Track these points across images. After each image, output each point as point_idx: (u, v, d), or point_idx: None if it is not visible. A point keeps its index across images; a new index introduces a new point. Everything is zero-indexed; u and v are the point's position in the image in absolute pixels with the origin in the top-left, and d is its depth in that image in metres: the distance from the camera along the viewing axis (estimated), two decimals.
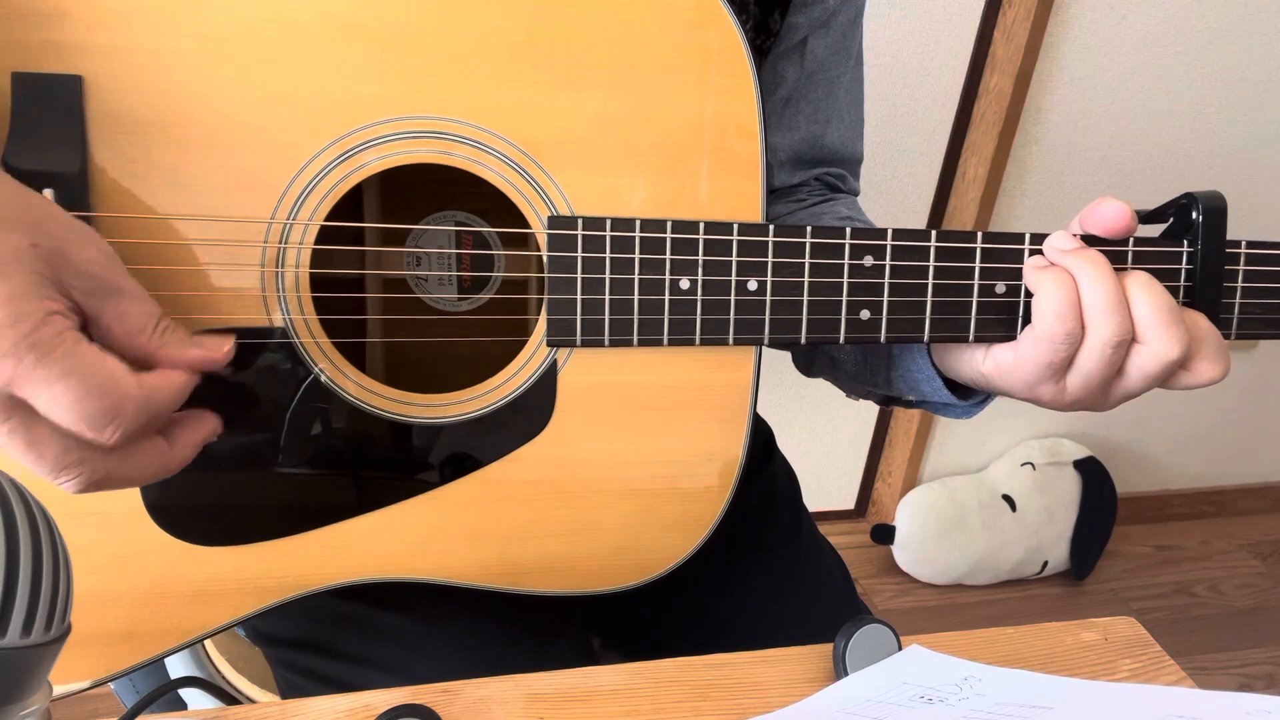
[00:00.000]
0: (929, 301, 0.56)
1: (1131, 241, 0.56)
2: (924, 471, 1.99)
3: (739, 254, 0.54)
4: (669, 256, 0.54)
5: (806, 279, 0.55)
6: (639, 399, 0.57)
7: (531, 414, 0.56)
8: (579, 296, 0.53)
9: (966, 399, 0.63)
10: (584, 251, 0.53)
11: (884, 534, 1.89)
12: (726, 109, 0.53)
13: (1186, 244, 0.56)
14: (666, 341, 0.55)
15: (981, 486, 1.94)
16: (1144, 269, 0.55)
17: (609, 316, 0.54)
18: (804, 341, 0.56)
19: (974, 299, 0.56)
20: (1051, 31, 1.57)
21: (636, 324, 0.54)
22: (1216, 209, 0.55)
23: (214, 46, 0.49)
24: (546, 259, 0.53)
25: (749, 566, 0.77)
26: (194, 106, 0.49)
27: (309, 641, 0.69)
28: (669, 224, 0.53)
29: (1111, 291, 0.52)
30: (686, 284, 0.54)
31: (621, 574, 0.60)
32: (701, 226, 0.54)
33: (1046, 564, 1.94)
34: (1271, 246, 0.57)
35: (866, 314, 0.56)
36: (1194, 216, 0.56)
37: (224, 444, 0.53)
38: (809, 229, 0.54)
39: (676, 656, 0.54)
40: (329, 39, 0.49)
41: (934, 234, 0.55)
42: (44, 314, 0.40)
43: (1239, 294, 0.57)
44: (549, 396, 0.56)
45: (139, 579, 0.55)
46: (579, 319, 0.54)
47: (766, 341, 0.56)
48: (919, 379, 0.63)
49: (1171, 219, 0.57)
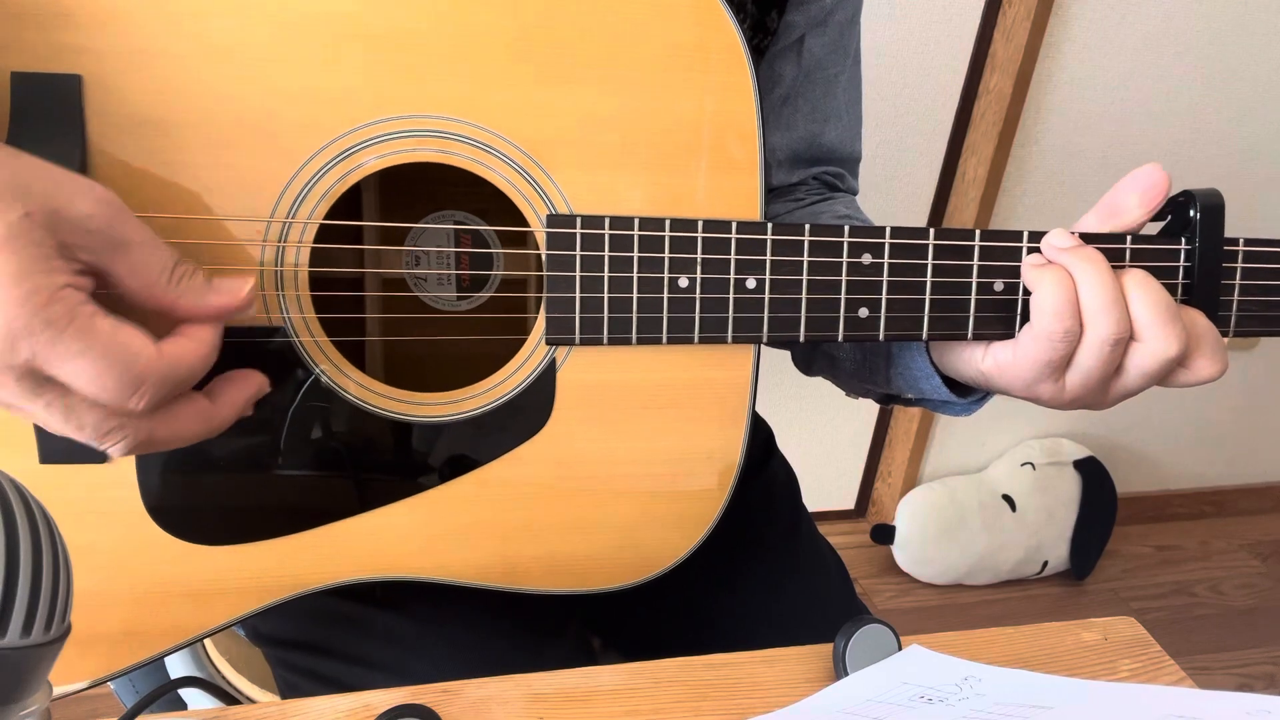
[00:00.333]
0: (927, 300, 0.56)
1: (1129, 239, 0.56)
2: (924, 471, 1.99)
3: (738, 252, 0.54)
4: (667, 255, 0.54)
5: (805, 277, 0.55)
6: (638, 398, 0.57)
7: (530, 413, 0.56)
8: (577, 295, 0.53)
9: (965, 396, 0.63)
10: (582, 250, 0.53)
11: (884, 534, 1.89)
12: (725, 107, 0.53)
13: (1184, 242, 0.56)
14: (665, 340, 0.55)
15: (981, 486, 1.94)
16: (1142, 267, 0.55)
17: (607, 315, 0.54)
18: (803, 340, 0.56)
19: (972, 297, 0.56)
20: (1051, 31, 1.57)
21: (635, 322, 0.54)
22: (1214, 206, 0.55)
23: (213, 45, 0.48)
24: (545, 258, 0.53)
25: (749, 566, 0.77)
26: (193, 105, 0.49)
27: (308, 641, 0.69)
28: (667, 222, 0.53)
29: (1109, 289, 0.52)
30: (685, 282, 0.54)
31: (620, 573, 0.60)
32: (700, 225, 0.54)
33: (1046, 564, 1.94)
34: (1269, 244, 0.57)
35: (865, 312, 0.56)
36: (1192, 214, 0.56)
37: (223, 443, 0.53)
38: (807, 227, 0.54)
39: (676, 656, 0.54)
40: (328, 38, 0.49)
41: (932, 232, 0.55)
42: (54, 288, 0.40)
43: (1237, 291, 0.57)
44: (548, 395, 0.56)
45: (138, 579, 0.55)
46: (577, 317, 0.54)
47: (765, 340, 0.56)
48: (918, 377, 0.63)
49: (1169, 217, 0.57)
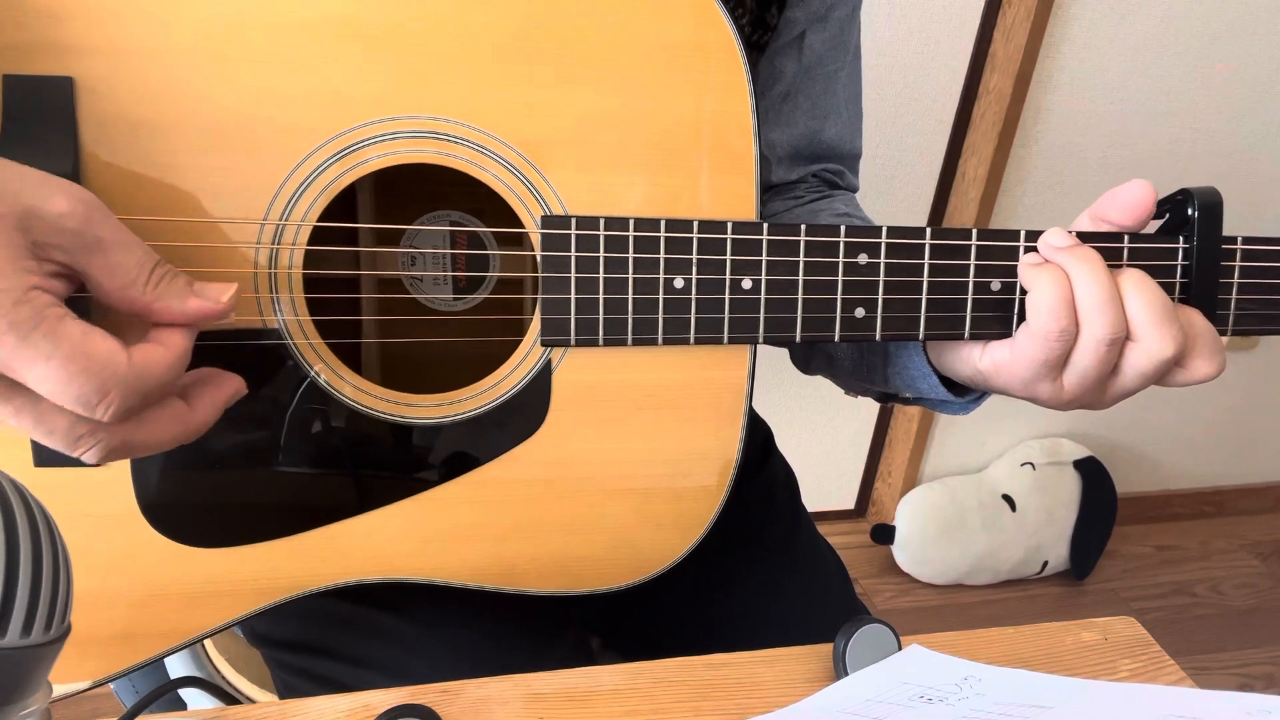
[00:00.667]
0: (924, 299, 0.56)
1: (1127, 238, 0.56)
2: (924, 471, 1.99)
3: (733, 253, 0.54)
4: (663, 255, 0.53)
5: (801, 277, 0.55)
6: (634, 398, 0.56)
7: (526, 414, 0.56)
8: (572, 296, 0.53)
9: (963, 395, 0.63)
10: (577, 251, 0.53)
11: (884, 534, 1.89)
12: (720, 107, 0.53)
13: (1182, 240, 0.56)
14: (661, 341, 0.55)
15: (981, 486, 1.93)
16: (1140, 266, 0.55)
17: (603, 316, 0.54)
18: (799, 340, 0.56)
19: (969, 296, 0.56)
20: (1051, 31, 1.57)
21: (631, 323, 0.54)
22: (1212, 205, 0.55)
23: (206, 46, 0.48)
24: (540, 259, 0.53)
25: (748, 566, 0.77)
26: (186, 107, 0.49)
27: (307, 642, 0.69)
28: (663, 223, 0.53)
29: (1105, 289, 0.52)
30: (681, 283, 0.54)
31: (618, 573, 0.59)
32: (695, 225, 0.54)
33: (1046, 564, 1.94)
34: (1267, 242, 0.57)
35: (861, 312, 0.56)
36: (1190, 212, 0.55)
37: (219, 445, 0.53)
38: (803, 227, 0.54)
39: (676, 656, 0.54)
40: (321, 39, 0.49)
41: (929, 232, 0.55)
42: (22, 290, 0.39)
43: (1235, 290, 0.57)
44: (543, 396, 0.55)
45: (137, 580, 0.54)
46: (573, 318, 0.54)
47: (761, 340, 0.56)
48: (915, 376, 0.63)
49: (1167, 215, 0.57)
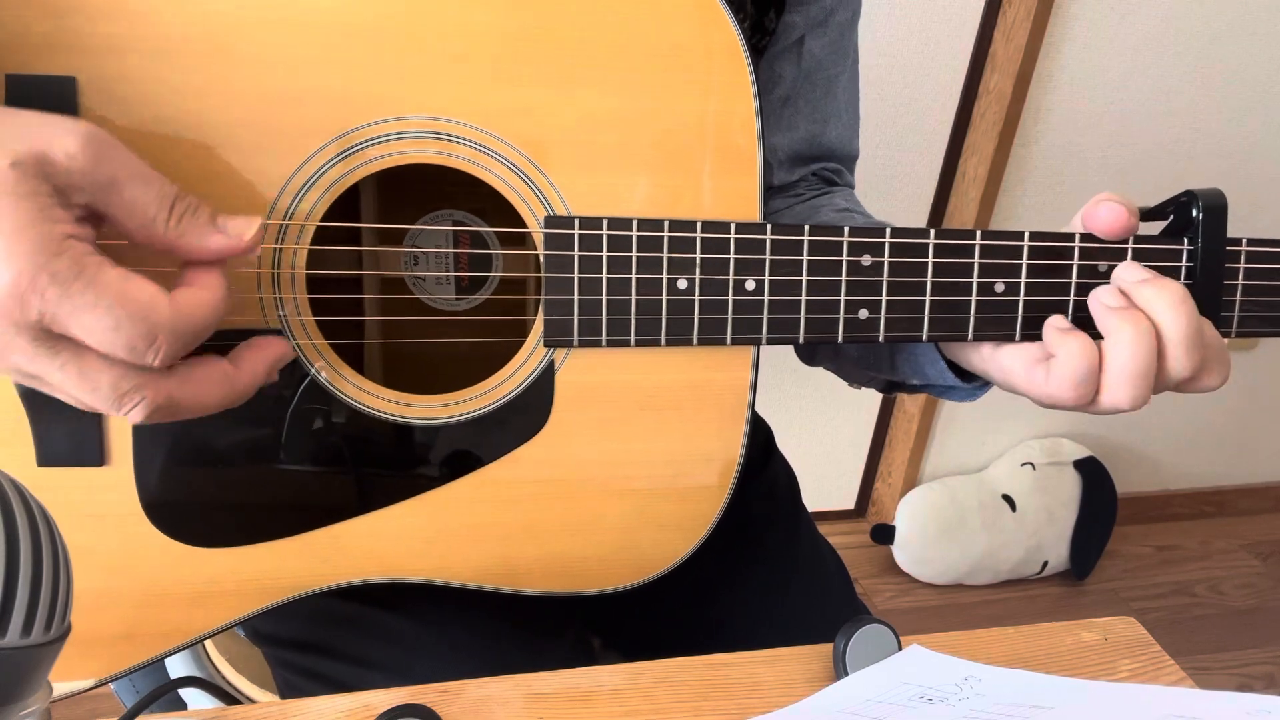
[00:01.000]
0: (928, 300, 0.56)
1: (1131, 239, 0.56)
2: (924, 471, 1.99)
3: (736, 253, 0.54)
4: (666, 256, 0.53)
5: (804, 278, 0.55)
6: (637, 399, 0.56)
7: (529, 414, 0.56)
8: (575, 297, 0.53)
9: (971, 381, 0.63)
10: (580, 251, 0.53)
11: (884, 534, 1.89)
12: (724, 107, 0.53)
13: (1187, 241, 0.56)
14: (664, 341, 0.55)
15: (981, 486, 1.94)
16: (1145, 267, 0.55)
17: (606, 316, 0.54)
18: (802, 341, 0.56)
19: (973, 298, 0.56)
20: (1051, 31, 1.57)
21: (634, 324, 0.54)
22: (1217, 206, 0.55)
23: (210, 45, 0.48)
24: (543, 259, 0.53)
25: (749, 566, 0.77)
26: (188, 106, 0.49)
27: (308, 642, 0.69)
28: (666, 224, 0.53)
29: (1141, 368, 0.52)
30: (684, 284, 0.54)
31: (620, 574, 0.60)
32: (699, 226, 0.53)
33: (1046, 564, 1.94)
34: (1272, 244, 0.56)
35: (865, 313, 0.56)
36: (1194, 214, 0.55)
37: (222, 445, 0.53)
38: (807, 228, 0.54)
39: (677, 656, 0.54)
40: (324, 38, 0.49)
41: (933, 232, 0.55)
42: (58, 241, 0.38)
43: (1239, 291, 0.57)
44: (546, 397, 0.55)
45: (138, 580, 0.54)
46: (575, 319, 0.54)
47: (764, 341, 0.56)
48: (923, 363, 0.63)
49: (1172, 216, 0.57)
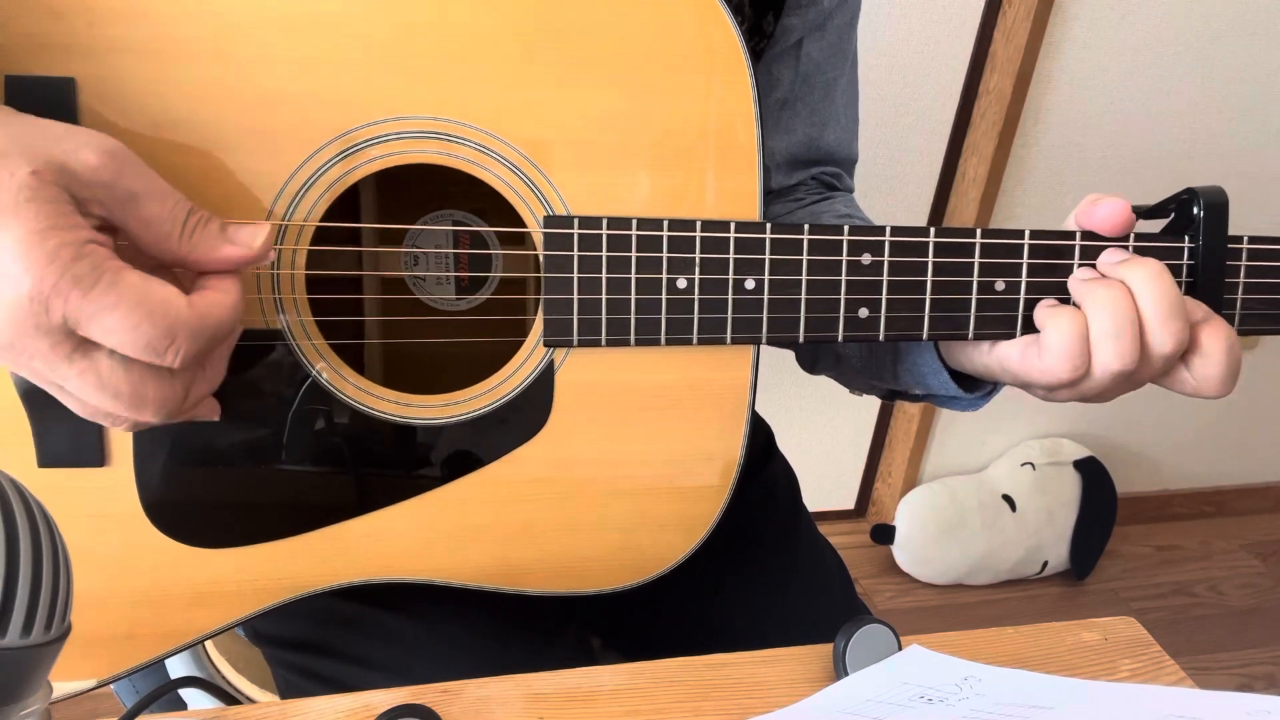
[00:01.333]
0: (928, 299, 0.56)
1: (1132, 237, 0.56)
2: (924, 471, 1.99)
3: (736, 253, 0.54)
4: (665, 255, 0.53)
5: (804, 277, 0.55)
6: (636, 398, 0.56)
7: (529, 414, 0.56)
8: (575, 296, 0.53)
9: (973, 391, 0.63)
10: (580, 251, 0.53)
11: (884, 534, 1.89)
12: (724, 108, 0.53)
13: (1188, 240, 0.56)
14: (664, 341, 0.55)
15: (981, 486, 1.93)
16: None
17: (605, 316, 0.54)
18: (802, 340, 0.56)
19: (973, 296, 0.56)
20: (1051, 31, 1.57)
21: (633, 323, 0.54)
22: (1218, 204, 0.55)
23: (209, 46, 0.48)
24: (543, 259, 0.53)
25: (749, 566, 0.77)
26: (188, 107, 0.49)
27: (309, 642, 0.69)
28: (665, 223, 0.53)
29: (1121, 322, 0.53)
30: (684, 283, 0.54)
31: (620, 574, 0.59)
32: (698, 225, 0.53)
33: (1046, 564, 1.94)
34: (1273, 242, 0.56)
35: (865, 312, 0.56)
36: (1195, 212, 0.55)
37: (223, 446, 0.53)
38: (806, 227, 0.54)
39: (677, 656, 0.54)
40: (324, 39, 0.49)
41: (933, 231, 0.55)
42: (79, 244, 0.39)
43: (1240, 289, 0.57)
44: (546, 396, 0.55)
45: (139, 580, 0.54)
46: (575, 319, 0.54)
47: (764, 340, 0.56)
48: (925, 373, 0.63)
49: (1173, 214, 0.57)
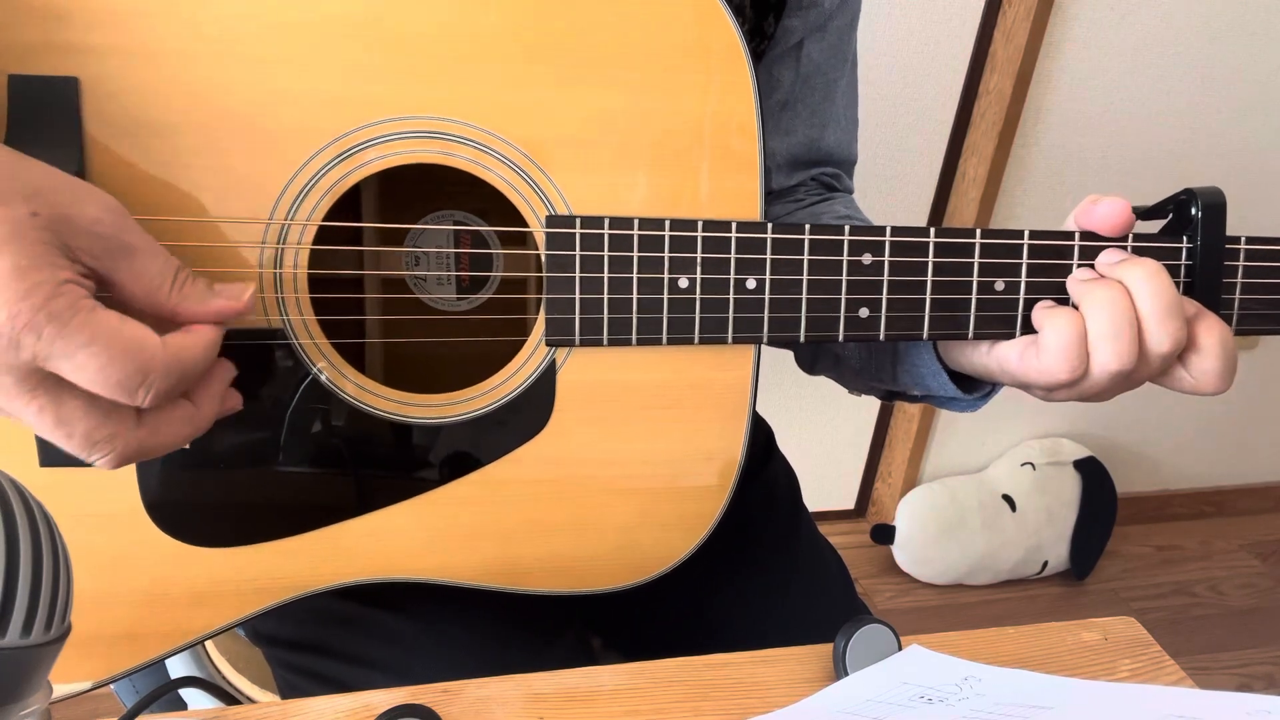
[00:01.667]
0: (928, 299, 0.56)
1: (1130, 238, 0.56)
2: (924, 471, 1.99)
3: (737, 252, 0.54)
4: (667, 255, 0.53)
5: (805, 277, 0.55)
6: (638, 398, 0.57)
7: (530, 414, 0.56)
8: (577, 296, 0.53)
9: (972, 392, 0.63)
10: (582, 251, 0.53)
11: (884, 534, 1.89)
12: (725, 107, 0.53)
13: (1186, 240, 0.56)
14: (665, 341, 0.55)
15: (981, 486, 1.94)
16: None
17: (607, 316, 0.54)
18: (803, 340, 0.56)
19: (973, 296, 0.56)
20: (1051, 31, 1.57)
21: (635, 323, 0.54)
22: (1216, 205, 0.55)
23: (211, 47, 0.48)
24: (545, 258, 0.53)
25: (749, 566, 0.77)
26: (191, 107, 0.49)
27: (309, 642, 0.69)
28: (667, 223, 0.53)
29: (1119, 322, 0.53)
30: (685, 283, 0.54)
31: (621, 573, 0.60)
32: (700, 225, 0.54)
33: (1046, 564, 1.94)
34: (1271, 242, 0.57)
35: (866, 312, 0.56)
36: (1193, 212, 0.56)
37: (224, 445, 0.53)
38: (807, 227, 0.54)
39: (677, 656, 0.54)
40: (327, 38, 0.49)
41: (933, 231, 0.55)
42: (57, 284, 0.39)
43: (1238, 290, 0.57)
44: (548, 396, 0.56)
45: (139, 580, 0.54)
46: (577, 318, 0.54)
47: (766, 340, 0.56)
48: (924, 374, 0.63)
49: (1171, 215, 0.57)
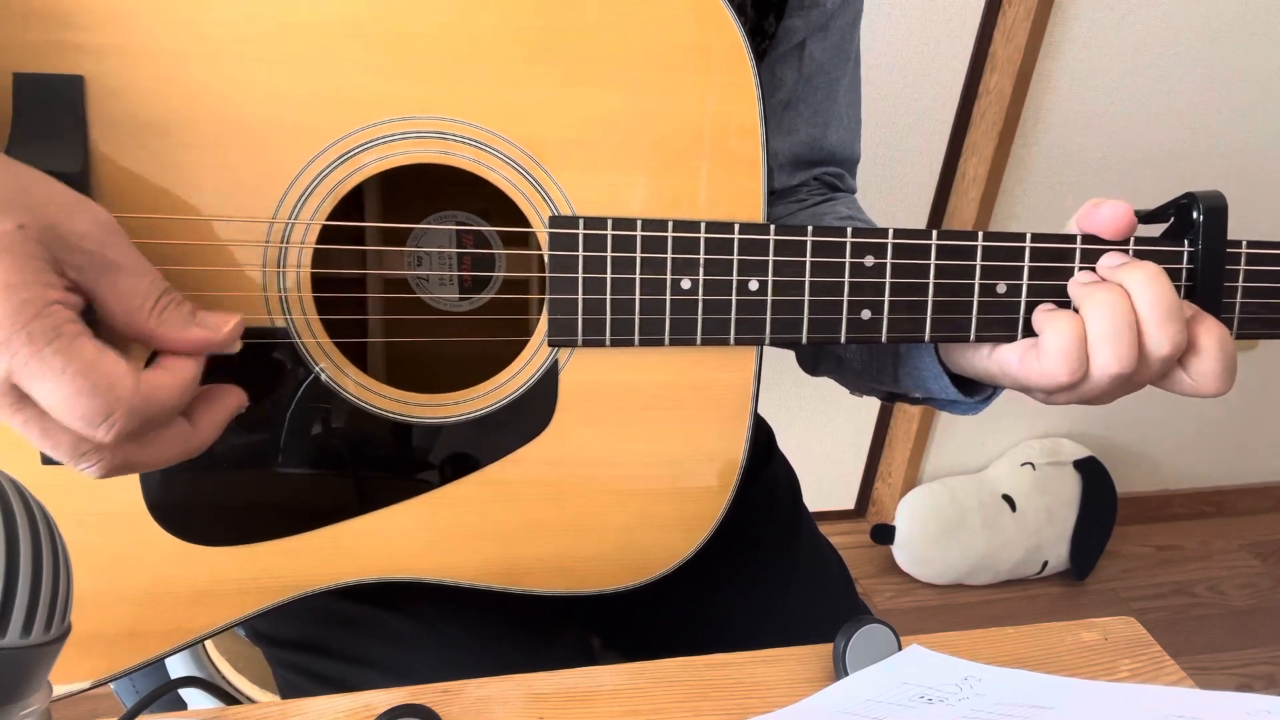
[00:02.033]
0: (930, 301, 0.56)
1: (1132, 241, 0.56)
2: (924, 471, 1.99)
3: (740, 254, 0.54)
4: (670, 256, 0.54)
5: (808, 279, 0.55)
6: (640, 399, 0.57)
7: (532, 414, 0.56)
8: (580, 296, 0.53)
9: (973, 395, 0.63)
10: (585, 251, 0.53)
11: (884, 534, 1.89)
12: (727, 108, 0.53)
13: (1187, 244, 0.56)
14: (668, 341, 0.55)
15: (981, 486, 1.94)
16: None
17: (610, 316, 0.54)
18: (805, 341, 0.56)
19: (975, 299, 0.56)
20: (1051, 31, 1.57)
21: (638, 324, 0.54)
22: (1217, 209, 0.55)
23: (216, 46, 0.48)
24: (548, 259, 0.53)
25: (749, 566, 0.77)
26: (196, 106, 0.49)
27: (309, 642, 0.69)
28: (670, 224, 0.53)
29: (1118, 324, 0.53)
30: (688, 284, 0.54)
31: (622, 574, 0.60)
32: (703, 226, 0.54)
33: (1046, 564, 1.94)
34: (1272, 246, 0.57)
35: (867, 314, 0.56)
36: (1195, 216, 0.56)
37: (225, 444, 0.53)
38: (810, 229, 0.54)
39: (676, 656, 0.54)
40: (331, 39, 0.49)
41: (935, 234, 0.55)
42: (43, 304, 0.39)
43: (1239, 294, 0.57)
44: (550, 396, 0.56)
45: (140, 579, 0.55)
46: (580, 319, 0.54)
47: (768, 341, 0.56)
48: (926, 376, 0.63)
49: (1172, 219, 0.57)
